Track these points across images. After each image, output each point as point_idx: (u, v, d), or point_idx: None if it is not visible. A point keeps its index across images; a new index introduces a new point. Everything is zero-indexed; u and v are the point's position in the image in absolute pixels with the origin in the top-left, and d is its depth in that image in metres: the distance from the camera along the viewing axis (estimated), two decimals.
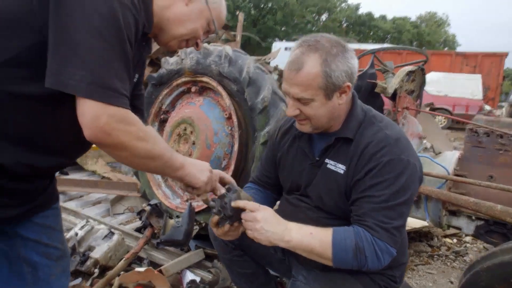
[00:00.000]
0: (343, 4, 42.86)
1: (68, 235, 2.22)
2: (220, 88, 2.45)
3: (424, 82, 2.77)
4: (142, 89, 1.37)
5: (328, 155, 1.32)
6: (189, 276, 2.15)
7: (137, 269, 1.98)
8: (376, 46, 16.16)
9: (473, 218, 2.19)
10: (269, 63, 8.42)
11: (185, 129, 2.57)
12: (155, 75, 2.80)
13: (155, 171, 1.30)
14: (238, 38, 7.42)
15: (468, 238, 3.18)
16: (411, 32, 40.83)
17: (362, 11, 49.04)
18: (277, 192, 1.61)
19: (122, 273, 2.05)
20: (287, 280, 1.63)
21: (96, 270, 2.10)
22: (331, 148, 1.32)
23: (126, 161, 1.03)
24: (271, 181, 1.58)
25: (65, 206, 2.84)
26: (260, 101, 2.25)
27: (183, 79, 2.65)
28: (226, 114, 2.44)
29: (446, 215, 2.26)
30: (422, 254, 2.92)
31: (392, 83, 2.42)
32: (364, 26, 42.72)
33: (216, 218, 1.25)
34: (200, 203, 2.52)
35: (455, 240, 3.19)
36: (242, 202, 1.19)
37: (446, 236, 3.24)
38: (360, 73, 2.59)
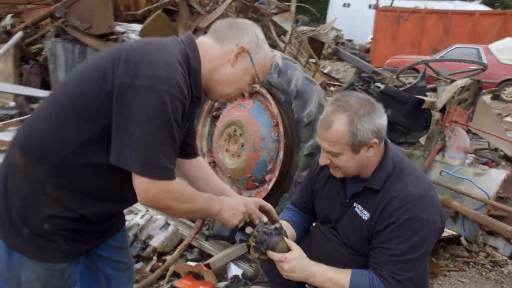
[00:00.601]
0: None
1: (131, 223, 2.57)
2: (269, 96, 2.58)
3: (480, 90, 2.69)
4: (193, 128, 1.55)
5: (356, 200, 1.45)
6: (233, 268, 2.43)
7: (189, 262, 2.29)
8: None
9: (511, 241, 2.22)
10: (326, 33, 8.25)
11: (235, 130, 2.75)
12: None
13: (199, 217, 1.49)
14: (293, 8, 7.31)
15: None
16: None
17: None
18: (312, 216, 1.76)
19: (176, 262, 2.38)
20: None
21: (154, 257, 2.45)
22: (359, 193, 1.44)
23: (174, 215, 1.26)
24: (308, 207, 1.74)
25: None
26: (306, 115, 2.35)
27: None
28: (274, 122, 2.57)
29: (482, 234, 2.30)
30: (458, 259, 2.99)
31: (442, 98, 2.40)
32: None
33: (253, 244, 1.45)
34: None
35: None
36: (274, 255, 1.36)
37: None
38: (409, 85, 2.58)
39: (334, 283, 1.37)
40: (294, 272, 1.38)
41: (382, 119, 1.34)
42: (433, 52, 14.12)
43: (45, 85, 7.26)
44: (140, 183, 1.09)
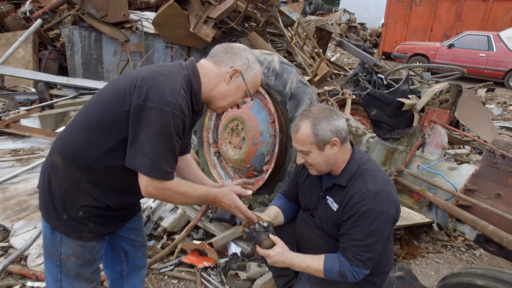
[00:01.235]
0: None
1: (145, 206, 2.94)
2: (267, 96, 2.87)
3: (460, 93, 2.93)
4: (190, 133, 1.81)
5: (328, 193, 1.76)
6: (233, 246, 2.79)
7: (194, 241, 2.66)
8: None
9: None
10: (332, 24, 8.37)
11: (237, 125, 3.07)
12: None
13: (196, 202, 1.68)
14: None
15: None
16: None
17: None
18: (297, 205, 2.09)
19: (184, 240, 2.75)
20: None
21: (165, 236, 2.82)
22: (331, 188, 1.75)
23: (172, 203, 1.56)
24: (294, 197, 2.07)
25: None
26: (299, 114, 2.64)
27: None
28: (271, 119, 2.88)
29: (452, 221, 2.60)
30: (437, 243, 3.30)
31: (421, 101, 2.67)
32: None
33: (245, 237, 1.80)
34: None
35: None
36: (260, 251, 1.71)
37: None
38: (393, 88, 2.84)
39: (311, 269, 1.70)
40: (276, 263, 1.72)
41: (339, 121, 1.64)
42: (444, 38, 14.04)
43: (62, 70, 7.61)
44: (143, 180, 1.38)
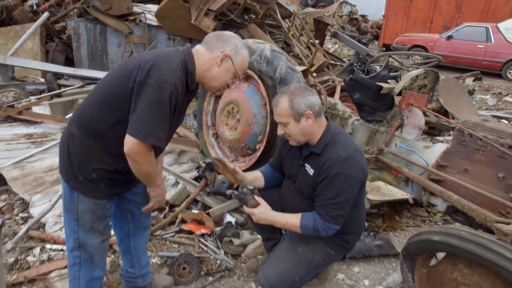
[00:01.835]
0: None
1: None
2: (259, 81, 3.15)
3: (438, 79, 3.19)
4: None
5: (307, 161, 2.03)
6: (228, 217, 3.09)
7: (193, 210, 2.96)
8: None
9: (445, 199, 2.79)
10: (331, 16, 8.56)
11: (233, 108, 3.35)
12: None
13: (147, 178, 1.81)
14: None
15: None
16: None
17: None
18: (281, 174, 2.37)
19: (184, 211, 3.06)
20: None
21: (167, 208, 3.13)
22: (308, 156, 2.03)
23: (136, 170, 1.70)
24: (279, 167, 2.34)
25: None
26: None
27: None
28: (263, 102, 3.16)
29: (425, 194, 2.88)
30: (417, 218, 3.59)
31: (399, 85, 2.94)
32: None
33: (234, 196, 2.10)
34: (241, 164, 3.39)
35: None
36: (246, 210, 2.00)
37: None
38: (374, 74, 3.11)
39: (289, 225, 1.98)
40: (260, 221, 2.01)
41: (312, 97, 1.91)
42: (444, 29, 14.16)
43: (69, 61, 7.90)
44: (130, 140, 1.56)
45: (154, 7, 7.46)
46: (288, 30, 6.67)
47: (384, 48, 15.32)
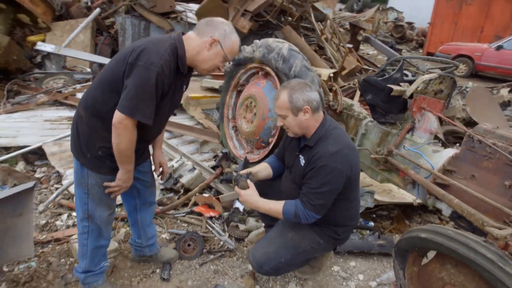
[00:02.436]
0: None
1: (169, 165, 3.50)
2: (276, 78, 3.31)
3: (455, 85, 3.19)
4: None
5: (301, 152, 2.16)
6: (237, 204, 3.27)
7: (204, 194, 3.18)
8: None
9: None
10: (366, 19, 8.53)
11: (251, 102, 3.54)
12: (236, 57, 3.75)
13: (120, 156, 1.86)
14: None
15: None
16: None
17: None
18: (284, 163, 2.52)
19: (196, 194, 3.28)
20: None
21: (182, 191, 3.37)
22: (303, 148, 2.16)
23: (114, 143, 1.80)
24: (282, 157, 2.49)
25: (169, 143, 4.16)
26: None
27: (254, 65, 3.57)
28: None
29: (430, 198, 2.90)
30: (427, 224, 3.57)
31: (410, 88, 2.98)
32: None
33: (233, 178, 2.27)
34: (255, 156, 3.56)
35: None
36: (236, 189, 2.16)
37: None
38: (387, 76, 3.17)
39: (273, 211, 2.11)
40: (245, 203, 2.15)
41: (311, 93, 2.02)
42: (495, 39, 13.51)
43: (114, 54, 8.43)
44: (118, 115, 1.70)
45: (195, 6, 7.84)
46: (321, 33, 6.77)
47: None
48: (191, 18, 7.63)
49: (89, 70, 7.34)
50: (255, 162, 3.44)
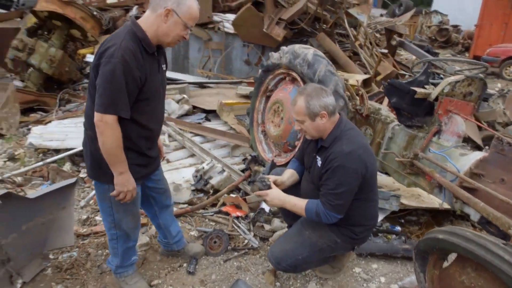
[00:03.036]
0: None
1: (200, 167, 3.69)
2: (302, 83, 3.40)
3: (485, 86, 3.11)
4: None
5: (318, 154, 2.24)
6: (264, 205, 3.38)
7: (232, 195, 3.32)
8: None
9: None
10: (402, 24, 8.37)
11: (278, 107, 3.65)
12: (264, 63, 3.89)
13: (109, 157, 1.87)
14: (371, 0, 7.69)
15: None
16: None
17: None
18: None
19: (225, 195, 3.43)
20: None
21: (211, 191, 3.54)
22: (319, 149, 2.23)
23: (100, 143, 1.81)
24: (302, 160, 2.58)
25: (202, 147, 4.36)
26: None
27: (281, 71, 3.69)
28: None
29: (457, 202, 2.84)
30: None
31: (435, 91, 2.95)
32: None
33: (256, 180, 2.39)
34: (282, 159, 3.66)
35: None
36: (258, 192, 2.27)
37: None
38: (411, 79, 3.16)
39: (297, 207, 2.20)
40: (273, 200, 2.25)
41: (327, 99, 2.09)
42: None
43: None
44: (95, 115, 1.76)
45: (231, 16, 8.10)
46: (355, 39, 6.76)
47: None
48: (228, 28, 7.90)
49: None
50: (282, 165, 3.54)
